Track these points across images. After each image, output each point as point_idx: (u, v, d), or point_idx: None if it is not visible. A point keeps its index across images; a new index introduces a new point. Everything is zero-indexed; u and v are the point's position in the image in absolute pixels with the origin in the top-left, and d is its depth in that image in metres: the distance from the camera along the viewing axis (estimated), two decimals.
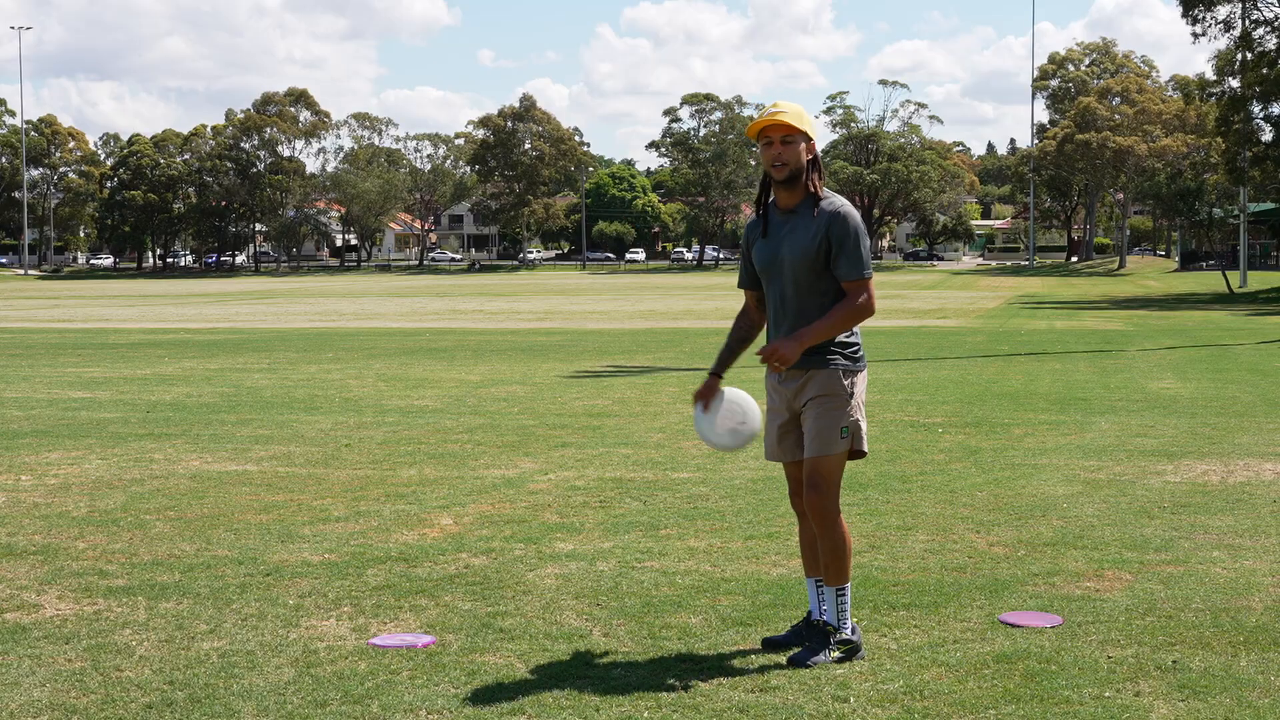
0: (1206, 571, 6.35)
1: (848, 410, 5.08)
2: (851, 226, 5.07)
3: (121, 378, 17.34)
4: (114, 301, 52.23)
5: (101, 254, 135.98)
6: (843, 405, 5.07)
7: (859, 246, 5.07)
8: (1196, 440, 10.80)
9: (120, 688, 4.76)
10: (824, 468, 5.07)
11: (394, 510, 8.01)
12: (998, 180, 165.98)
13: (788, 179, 5.11)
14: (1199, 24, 54.33)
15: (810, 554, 5.31)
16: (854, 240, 5.06)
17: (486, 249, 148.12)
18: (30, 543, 7.16)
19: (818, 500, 5.08)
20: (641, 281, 79.36)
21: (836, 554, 5.10)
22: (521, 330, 29.67)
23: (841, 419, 5.07)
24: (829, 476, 5.08)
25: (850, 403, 5.09)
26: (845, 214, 5.08)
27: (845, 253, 5.05)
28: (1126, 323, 31.79)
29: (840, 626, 5.08)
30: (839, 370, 5.09)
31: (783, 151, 5.08)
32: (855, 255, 5.06)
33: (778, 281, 5.17)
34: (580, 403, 13.87)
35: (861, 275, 5.05)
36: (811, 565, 5.31)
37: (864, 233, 5.12)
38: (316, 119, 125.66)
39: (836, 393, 5.07)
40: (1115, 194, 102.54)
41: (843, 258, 5.06)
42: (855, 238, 5.06)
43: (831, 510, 5.09)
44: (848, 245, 5.05)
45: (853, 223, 5.08)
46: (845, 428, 5.08)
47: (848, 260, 5.06)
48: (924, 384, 15.74)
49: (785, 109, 5.12)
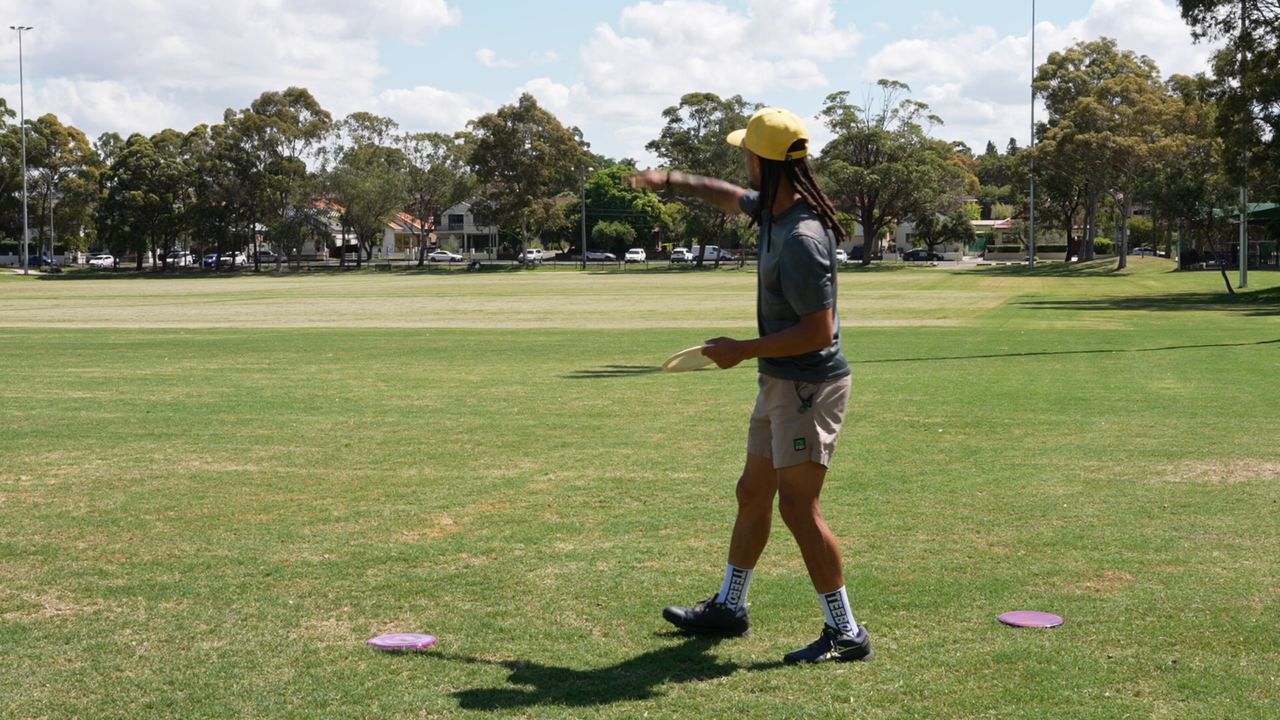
0: (1206, 571, 6.35)
1: (800, 421, 5.01)
2: (798, 257, 4.86)
3: (121, 378, 17.34)
4: (114, 301, 52.22)
5: (101, 254, 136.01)
6: (796, 416, 5.01)
7: (805, 280, 4.86)
8: (1196, 440, 10.80)
9: (120, 688, 4.76)
10: (790, 479, 5.07)
11: (394, 510, 8.01)
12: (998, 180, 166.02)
13: (754, 187, 5.15)
14: (1199, 24, 54.32)
15: (739, 543, 5.38)
16: (800, 274, 4.86)
17: (486, 249, 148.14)
18: (30, 543, 7.16)
19: (789, 510, 5.09)
20: (641, 281, 79.36)
21: (816, 562, 5.09)
22: (521, 330, 29.67)
23: (795, 430, 5.02)
24: (796, 487, 5.06)
25: (804, 415, 5.01)
26: (797, 239, 4.89)
27: (793, 285, 4.90)
28: (1126, 323, 31.79)
29: (841, 628, 5.07)
30: (794, 382, 5.02)
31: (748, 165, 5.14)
32: (802, 289, 4.87)
33: (759, 289, 5.19)
34: (580, 403, 13.87)
35: (807, 309, 4.89)
36: (736, 554, 5.38)
37: (815, 263, 4.87)
38: (316, 119, 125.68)
39: (790, 402, 5.02)
40: (1115, 194, 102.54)
41: (791, 290, 4.92)
42: (802, 271, 4.86)
43: (805, 519, 5.07)
44: (794, 278, 4.88)
45: (801, 253, 4.86)
46: (800, 439, 5.01)
47: (795, 294, 4.90)
48: (924, 384, 15.74)
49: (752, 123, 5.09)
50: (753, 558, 5.39)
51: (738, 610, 5.36)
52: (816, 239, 4.91)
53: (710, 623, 5.35)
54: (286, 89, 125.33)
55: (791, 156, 5.00)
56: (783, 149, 4.99)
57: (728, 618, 5.35)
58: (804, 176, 5.03)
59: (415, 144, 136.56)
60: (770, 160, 5.01)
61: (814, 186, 5.05)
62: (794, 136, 4.99)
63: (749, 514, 5.34)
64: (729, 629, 5.35)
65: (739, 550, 5.38)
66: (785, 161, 5.01)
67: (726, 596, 5.36)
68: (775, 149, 4.99)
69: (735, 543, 5.40)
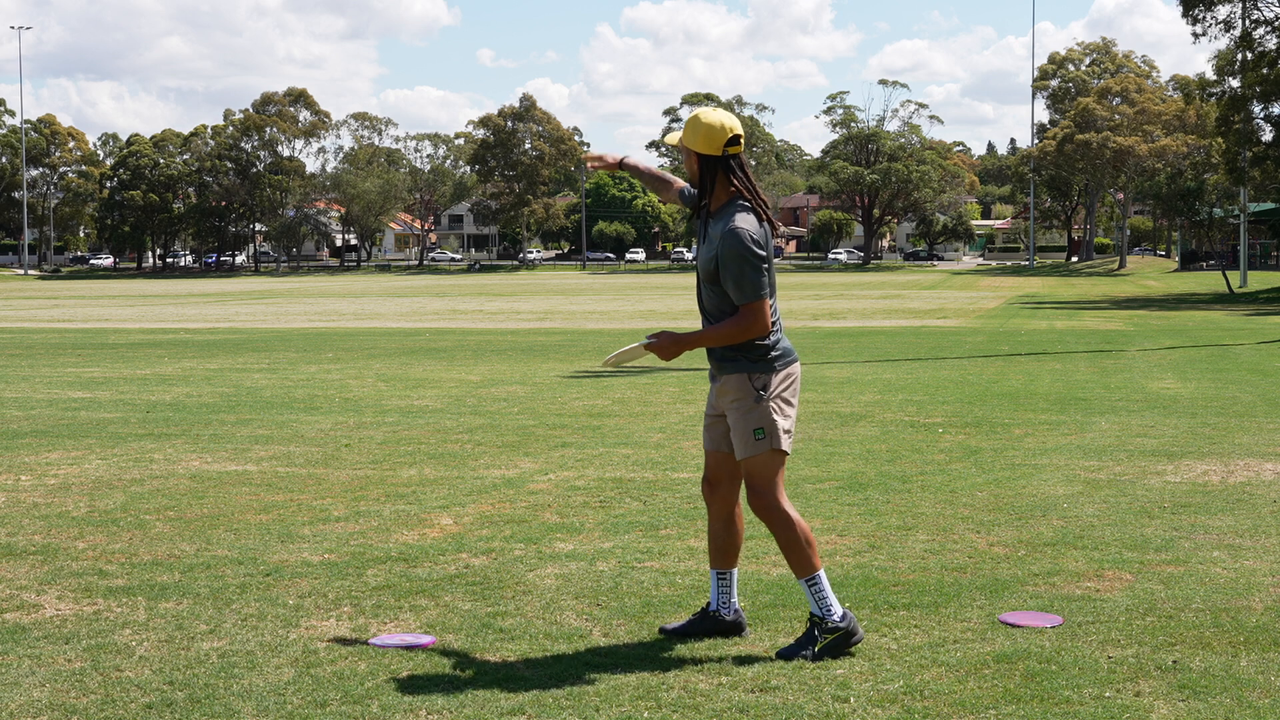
0: (1206, 571, 6.35)
1: (758, 410, 5.11)
2: (735, 249, 4.99)
3: (121, 378, 17.34)
4: (114, 301, 52.23)
5: (101, 254, 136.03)
6: (753, 407, 5.12)
7: (743, 271, 4.99)
8: (1196, 440, 10.80)
9: (120, 688, 4.75)
10: (753, 469, 5.17)
11: (394, 510, 8.00)
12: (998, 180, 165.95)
13: (692, 184, 5.30)
14: (1199, 24, 54.32)
15: (715, 545, 5.42)
16: (738, 264, 4.99)
17: (486, 249, 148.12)
18: (30, 543, 7.16)
19: (757, 501, 5.18)
20: (641, 281, 79.37)
21: (792, 548, 5.16)
22: (521, 330, 29.67)
23: (754, 420, 5.12)
24: (759, 476, 5.16)
25: (760, 404, 5.11)
26: (732, 232, 5.02)
27: (731, 276, 5.03)
28: (1126, 323, 31.79)
29: (825, 615, 5.10)
30: (745, 373, 5.13)
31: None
32: (740, 280, 5.01)
33: (698, 283, 5.29)
34: (580, 403, 13.87)
35: (744, 300, 5.03)
36: (715, 557, 5.42)
37: (751, 255, 5.00)
38: (316, 119, 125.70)
39: (745, 394, 5.13)
40: (1115, 194, 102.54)
41: (729, 280, 5.05)
42: (739, 262, 4.99)
43: (774, 508, 5.15)
44: (732, 269, 5.02)
45: (737, 245, 4.99)
46: (759, 429, 5.12)
47: (733, 284, 5.04)
48: (924, 384, 15.74)
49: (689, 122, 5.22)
50: (732, 558, 5.42)
51: (730, 613, 5.38)
52: (752, 231, 5.05)
53: (704, 631, 5.36)
54: (286, 89, 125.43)
55: (728, 152, 5.15)
56: (719, 145, 5.15)
57: (720, 624, 5.36)
58: (740, 171, 5.19)
59: (415, 144, 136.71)
60: (707, 156, 5.16)
61: (750, 181, 5.19)
62: (729, 133, 5.15)
63: (717, 511, 5.40)
64: (725, 633, 5.36)
65: (717, 553, 5.42)
66: (722, 157, 5.16)
67: (717, 604, 5.38)
68: (712, 145, 5.15)
69: (712, 546, 5.44)
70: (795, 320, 32.76)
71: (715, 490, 5.38)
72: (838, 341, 24.42)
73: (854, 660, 5.02)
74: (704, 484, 5.43)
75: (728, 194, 5.16)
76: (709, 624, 5.36)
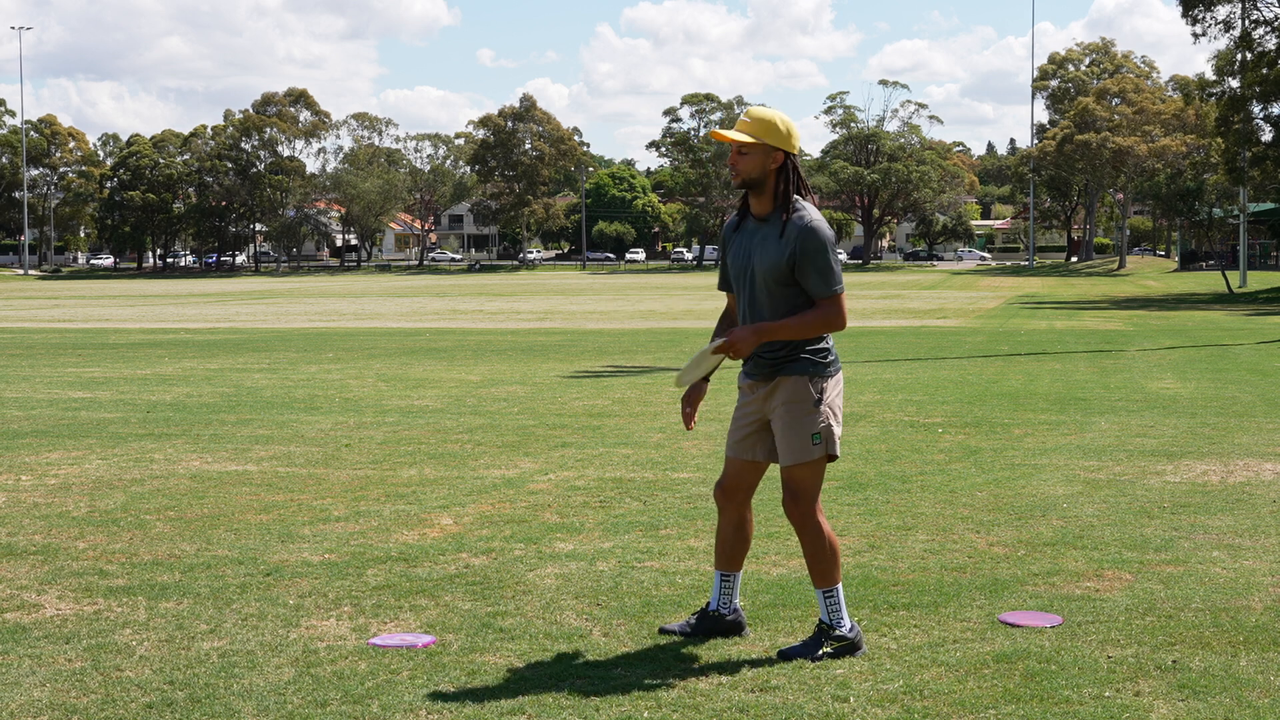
0: (1206, 571, 6.35)
1: (817, 416, 5.07)
2: (819, 241, 5.00)
3: (121, 378, 17.34)
4: (114, 301, 52.22)
5: (102, 254, 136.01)
6: (812, 411, 5.06)
7: (829, 262, 5.01)
8: (1196, 440, 10.80)
9: (120, 688, 4.76)
10: (800, 475, 5.10)
11: (394, 510, 8.01)
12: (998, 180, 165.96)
13: (746, 185, 5.11)
14: (1199, 24, 54.33)
15: (723, 549, 5.39)
16: (824, 256, 5.00)
17: (486, 249, 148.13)
18: (30, 543, 7.16)
19: (796, 508, 5.12)
20: (641, 281, 79.35)
21: (818, 558, 5.13)
22: (521, 330, 29.66)
23: (812, 425, 5.06)
24: (805, 484, 5.10)
25: (819, 408, 5.07)
26: (814, 228, 5.01)
27: (815, 269, 5.01)
28: (1126, 323, 31.79)
29: (836, 624, 5.10)
30: (806, 376, 5.08)
31: (737, 161, 5.09)
32: (825, 271, 5.01)
33: (748, 288, 5.17)
34: (580, 403, 13.87)
35: (832, 291, 5.02)
36: (722, 560, 5.39)
37: (834, 247, 5.05)
38: (316, 119, 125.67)
39: (804, 399, 5.07)
40: (1115, 194, 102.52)
41: (812, 273, 5.02)
42: (825, 253, 5.00)
43: (810, 516, 5.12)
44: (818, 261, 5.00)
45: (821, 238, 5.00)
46: (817, 434, 5.07)
47: (818, 276, 5.02)
48: (924, 384, 15.74)
49: (750, 117, 5.08)
50: (738, 561, 5.41)
51: (730, 614, 5.38)
52: (826, 224, 5.07)
53: (704, 631, 5.36)
54: (286, 89, 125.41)
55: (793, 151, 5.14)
56: (797, 143, 5.13)
57: (720, 624, 5.36)
58: (798, 172, 5.15)
59: (415, 144, 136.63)
60: (790, 154, 5.10)
61: (804, 181, 5.18)
62: (798, 134, 5.13)
63: (729, 517, 5.36)
64: (725, 633, 5.36)
65: (724, 555, 5.40)
66: (792, 154, 5.12)
67: (718, 604, 5.38)
68: (793, 142, 5.11)
69: (720, 548, 5.41)
70: None
71: (730, 499, 5.34)
72: (837, 341, 24.40)
73: (854, 660, 5.03)
74: (719, 489, 5.38)
75: (783, 194, 5.08)
76: (709, 624, 5.36)
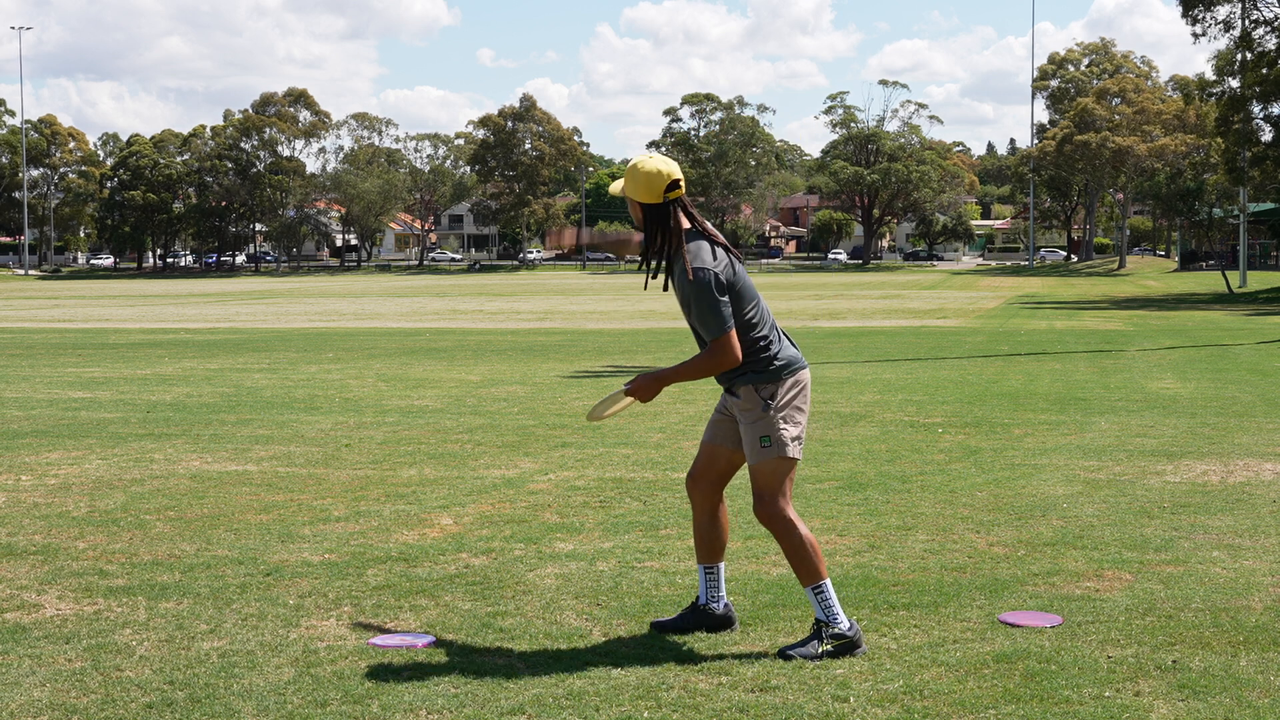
0: (1206, 571, 6.36)
1: (764, 420, 5.22)
2: (697, 287, 5.14)
3: (121, 378, 17.34)
4: (114, 301, 52.23)
5: (102, 254, 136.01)
6: (761, 416, 5.23)
7: (709, 305, 5.14)
8: (1196, 440, 10.80)
9: (120, 688, 4.76)
10: (759, 475, 5.25)
11: (394, 510, 8.01)
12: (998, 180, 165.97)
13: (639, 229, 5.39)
14: (1199, 24, 54.31)
15: (701, 541, 5.50)
16: (703, 300, 5.14)
17: (486, 249, 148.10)
18: (30, 543, 7.17)
19: (760, 508, 5.26)
20: (641, 281, 79.23)
21: (796, 555, 5.21)
22: (521, 330, 29.67)
23: (760, 429, 5.23)
24: (765, 484, 5.24)
25: (768, 413, 5.21)
26: (694, 273, 5.17)
27: (698, 312, 5.19)
28: (1126, 323, 31.79)
29: (831, 621, 5.13)
30: (752, 385, 5.25)
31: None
32: (705, 315, 5.15)
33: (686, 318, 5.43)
34: (580, 403, 13.87)
35: (716, 333, 5.15)
36: (702, 553, 5.49)
37: (715, 288, 5.13)
38: (316, 119, 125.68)
39: (753, 404, 5.25)
40: (1115, 194, 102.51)
41: (696, 317, 5.21)
42: (704, 298, 5.14)
43: (777, 515, 5.22)
44: (699, 306, 5.18)
45: (699, 283, 5.13)
46: (765, 437, 5.22)
47: (700, 320, 5.19)
48: (924, 384, 15.74)
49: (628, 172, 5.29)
50: (718, 552, 5.49)
51: (720, 607, 5.44)
52: (710, 267, 5.18)
53: (696, 625, 5.41)
54: (286, 89, 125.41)
55: (669, 197, 5.27)
56: (659, 191, 5.26)
57: (711, 617, 5.42)
58: (685, 212, 5.32)
59: (415, 144, 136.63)
60: (650, 204, 5.28)
61: (695, 218, 5.32)
62: (668, 179, 5.26)
63: (700, 505, 5.48)
64: (717, 627, 5.40)
65: (703, 547, 5.49)
66: (664, 204, 5.27)
67: (706, 598, 5.45)
68: (653, 192, 5.26)
69: (698, 541, 5.51)
70: (795, 320, 32.78)
71: (697, 484, 5.48)
72: (837, 341, 24.43)
73: (854, 660, 5.03)
74: (688, 478, 5.53)
75: (680, 235, 5.26)
76: (700, 617, 5.42)
